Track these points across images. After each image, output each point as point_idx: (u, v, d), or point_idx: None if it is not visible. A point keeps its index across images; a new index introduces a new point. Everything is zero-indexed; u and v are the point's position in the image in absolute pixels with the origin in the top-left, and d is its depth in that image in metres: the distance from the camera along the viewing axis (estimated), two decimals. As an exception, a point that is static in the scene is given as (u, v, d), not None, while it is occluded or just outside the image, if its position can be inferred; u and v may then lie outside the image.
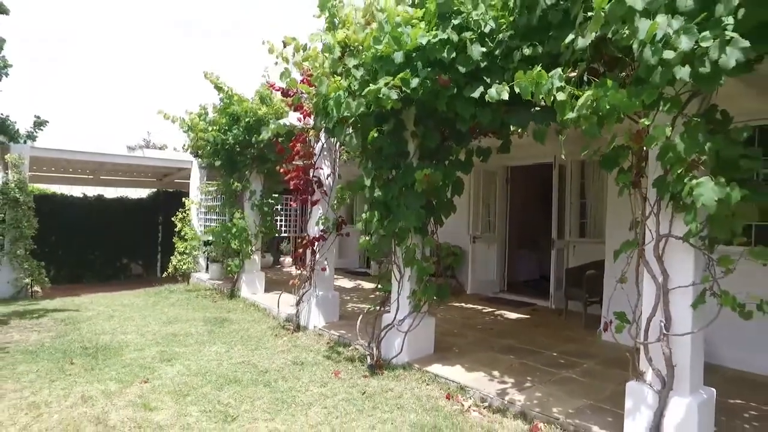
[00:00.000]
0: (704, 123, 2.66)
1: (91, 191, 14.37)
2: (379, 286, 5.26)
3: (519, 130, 3.90)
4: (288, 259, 12.43)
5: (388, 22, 3.70)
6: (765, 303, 2.62)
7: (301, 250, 6.20)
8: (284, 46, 5.48)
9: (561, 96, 2.83)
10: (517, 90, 2.96)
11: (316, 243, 6.02)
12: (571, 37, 2.91)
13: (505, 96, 3.06)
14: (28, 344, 5.46)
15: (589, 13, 2.73)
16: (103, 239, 13.69)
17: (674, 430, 2.81)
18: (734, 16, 2.25)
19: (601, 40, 2.85)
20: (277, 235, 9.49)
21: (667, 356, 2.86)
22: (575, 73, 2.98)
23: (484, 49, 3.46)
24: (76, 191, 14.21)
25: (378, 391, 4.13)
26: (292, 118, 6.51)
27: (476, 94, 3.47)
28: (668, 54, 2.37)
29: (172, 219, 10.75)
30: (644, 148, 2.93)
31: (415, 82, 3.53)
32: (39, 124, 9.13)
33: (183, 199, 10.95)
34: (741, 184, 2.47)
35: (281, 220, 9.77)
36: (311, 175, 6.09)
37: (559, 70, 2.86)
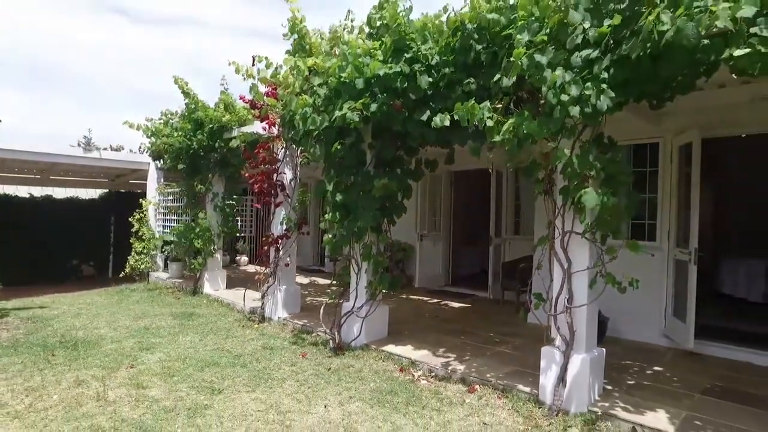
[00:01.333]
0: (594, 146, 3.54)
1: (39, 191, 14.10)
2: (336, 279, 5.94)
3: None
4: (244, 258, 12.81)
5: (351, 53, 4.39)
6: (635, 280, 3.55)
7: (266, 248, 6.76)
8: (253, 63, 6.06)
9: (490, 123, 3.63)
10: (456, 117, 3.74)
11: (281, 241, 6.61)
12: (498, 76, 3.73)
13: (447, 123, 3.83)
14: (1, 340, 5.73)
15: (511, 59, 3.55)
16: (53, 240, 13.48)
17: (574, 378, 3.69)
18: (607, 73, 3.11)
19: (521, 79, 3.67)
20: (238, 234, 9.94)
21: (570, 323, 3.73)
22: (501, 104, 3.80)
23: (430, 80, 4.22)
24: (21, 191, 13.89)
25: (341, 367, 4.82)
26: (257, 127, 7.05)
27: (424, 118, 4.24)
28: (564, 97, 3.21)
29: (129, 219, 10.92)
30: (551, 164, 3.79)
31: (374, 106, 4.27)
32: (-8, 124, 9.11)
33: (140, 200, 11.13)
34: (616, 192, 3.38)
35: (239, 221, 10.23)
36: (275, 179, 6.67)
37: (488, 103, 3.68)
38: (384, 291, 5.52)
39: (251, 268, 12.34)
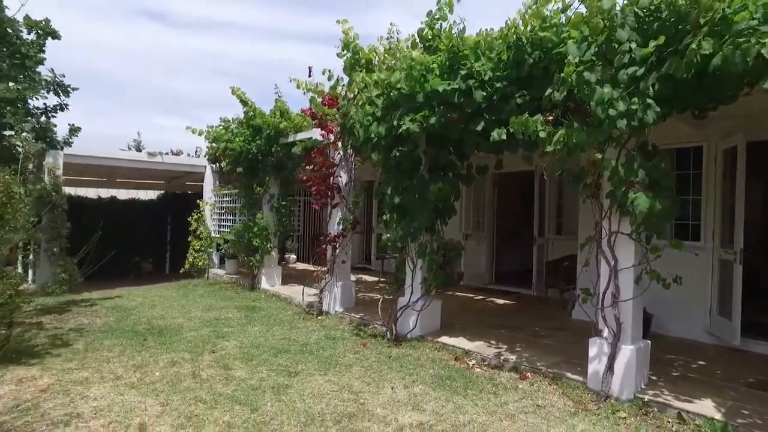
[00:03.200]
0: (639, 154, 3.86)
1: (104, 193, 15.19)
2: (384, 276, 6.38)
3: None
4: (292, 256, 13.46)
5: (414, 69, 4.83)
6: (679, 277, 3.86)
7: (323, 246, 7.30)
8: (309, 74, 6.61)
9: (542, 134, 4.00)
10: (511, 130, 4.13)
11: (337, 240, 7.12)
12: (549, 90, 4.09)
13: (504, 137, 4.22)
14: (98, 326, 6.47)
15: (562, 75, 3.91)
16: (117, 238, 14.50)
17: (622, 367, 4.02)
18: (652, 89, 3.44)
19: (570, 92, 4.02)
20: (291, 234, 10.55)
21: (617, 316, 4.06)
22: (552, 117, 4.16)
23: (484, 93, 4.60)
24: (89, 193, 15.00)
25: (401, 356, 5.28)
26: (314, 133, 7.60)
27: (479, 128, 4.63)
28: (612, 111, 3.55)
29: (188, 219, 11.71)
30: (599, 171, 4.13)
31: (433, 119, 4.70)
32: (73, 131, 10.04)
33: (197, 200, 11.91)
34: (661, 196, 3.70)
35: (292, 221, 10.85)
36: (331, 182, 7.19)
37: (540, 116, 4.04)
38: (436, 287, 5.94)
39: (300, 266, 12.99)
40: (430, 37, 5.40)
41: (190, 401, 3.98)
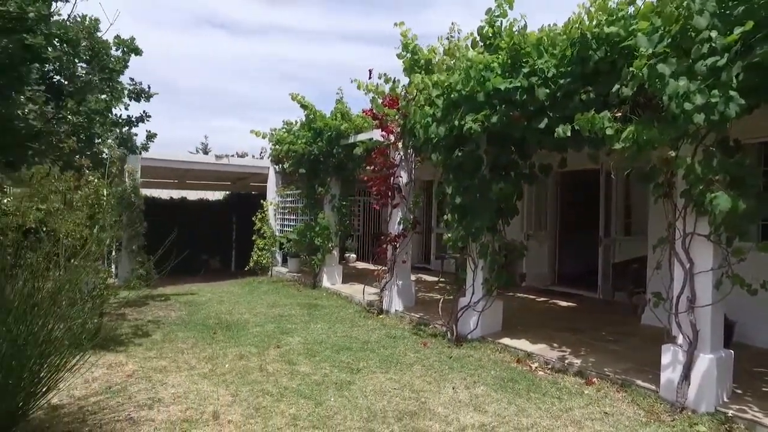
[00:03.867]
0: (719, 150, 3.63)
1: (175, 194, 16.12)
2: (443, 276, 6.34)
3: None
4: (352, 255, 13.69)
5: (474, 69, 4.80)
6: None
7: (384, 246, 7.38)
8: (369, 76, 6.71)
9: (609, 131, 3.85)
10: (576, 127, 4.00)
11: (398, 240, 7.19)
12: (617, 86, 3.93)
13: (569, 133, 4.10)
14: (172, 319, 6.91)
15: (631, 69, 3.74)
16: (187, 237, 15.32)
17: (700, 377, 3.79)
18: (736, 80, 3.22)
19: (641, 87, 3.85)
20: (351, 233, 10.76)
21: (693, 323, 3.84)
22: (620, 113, 3.99)
23: (547, 91, 4.50)
24: (163, 194, 15.98)
25: (461, 356, 5.26)
26: (374, 134, 7.72)
27: (542, 126, 4.53)
28: (688, 105, 3.36)
29: (252, 218, 12.20)
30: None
31: (494, 118, 4.65)
32: (150, 136, 10.74)
33: (261, 201, 12.38)
34: (746, 195, 3.45)
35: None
36: (392, 182, 7.26)
37: (608, 113, 3.89)
38: (497, 288, 5.86)
39: (360, 265, 13.20)
40: (490, 35, 5.34)
41: (257, 393, 4.17)
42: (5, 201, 5.47)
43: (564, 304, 8.10)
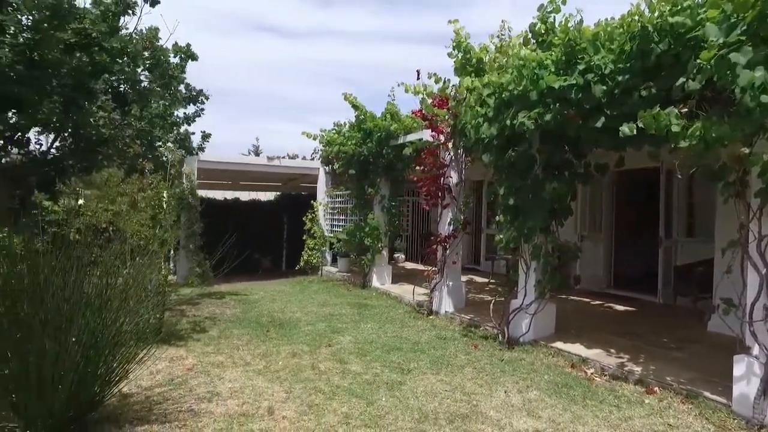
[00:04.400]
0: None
1: (228, 195, 16.70)
2: (494, 278, 6.22)
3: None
4: (401, 256, 13.72)
5: (526, 67, 4.70)
6: None
7: (434, 246, 7.35)
8: (418, 76, 6.70)
9: (675, 128, 3.67)
10: (640, 125, 3.83)
11: (448, 240, 7.14)
12: (681, 80, 3.74)
13: (635, 132, 3.92)
14: (227, 316, 7.16)
15: (698, 61, 3.55)
16: (241, 236, 15.82)
17: (777, 392, 3.54)
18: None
19: (708, 80, 3.64)
20: (400, 233, 10.79)
21: (769, 333, 3.59)
22: (685, 109, 3.79)
23: (604, 88, 4.33)
24: (217, 195, 16.59)
25: (513, 359, 5.16)
26: (423, 134, 7.70)
27: (599, 125, 4.37)
28: (765, 98, 3.15)
29: (302, 219, 12.45)
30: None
31: (548, 116, 4.52)
32: (205, 137, 11.20)
33: (312, 201, 12.62)
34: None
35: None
36: (442, 182, 7.22)
37: (674, 108, 3.70)
38: (550, 290, 5.70)
39: (409, 265, 13.20)
40: (542, 31, 5.21)
41: (310, 391, 4.25)
42: (80, 203, 5.85)
43: (620, 308, 7.78)
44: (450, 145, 6.98)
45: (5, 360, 3.05)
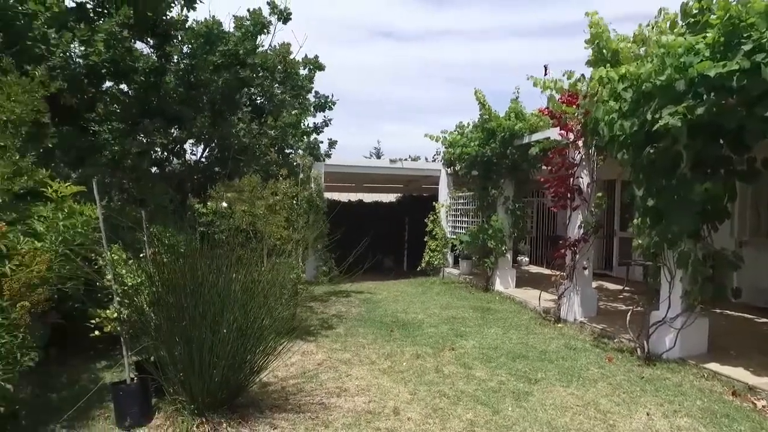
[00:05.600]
0: None
1: (351, 197, 17.48)
2: (628, 285, 5.64)
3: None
4: (525, 259, 13.20)
5: (671, 54, 4.22)
6: None
7: (562, 251, 6.95)
8: (545, 72, 6.36)
9: None
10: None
11: (578, 245, 6.70)
12: None
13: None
14: (353, 315, 7.48)
15: None
16: (364, 236, 16.47)
17: None
18: None
19: None
20: (525, 236, 10.40)
21: None
22: None
23: (777, 69, 3.72)
24: (342, 197, 17.46)
25: (655, 378, 4.67)
26: (550, 133, 7.32)
27: (769, 113, 3.77)
28: None
29: (424, 220, 12.55)
30: None
31: (700, 109, 4.00)
32: (332, 144, 11.84)
33: (433, 203, 12.67)
34: None
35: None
36: (571, 183, 6.79)
37: None
38: (700, 303, 5.05)
39: (533, 269, 12.67)
40: (695, 11, 4.63)
41: (434, 394, 4.26)
42: (224, 206, 6.55)
43: (795, 327, 6.63)
44: (580, 143, 6.54)
45: (175, 344, 3.53)
